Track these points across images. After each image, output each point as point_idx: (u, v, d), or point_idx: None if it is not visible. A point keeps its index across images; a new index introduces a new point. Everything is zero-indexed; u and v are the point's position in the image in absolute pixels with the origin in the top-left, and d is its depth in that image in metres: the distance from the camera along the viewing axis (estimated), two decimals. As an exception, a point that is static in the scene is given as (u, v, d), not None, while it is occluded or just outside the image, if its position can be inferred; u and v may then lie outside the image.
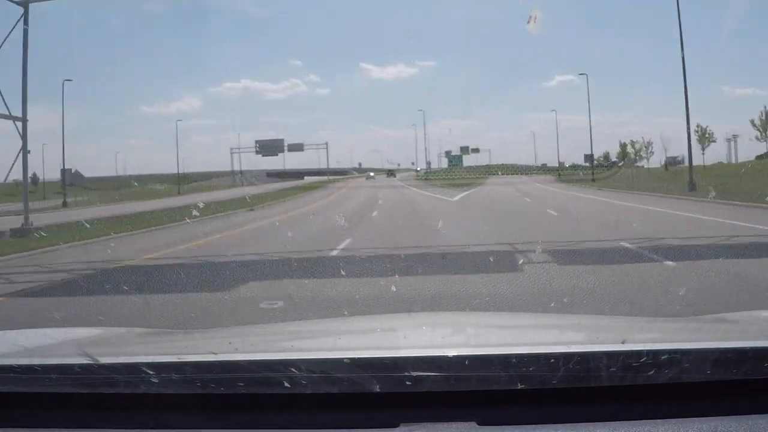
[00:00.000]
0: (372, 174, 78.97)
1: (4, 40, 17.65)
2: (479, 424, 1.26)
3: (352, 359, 1.32)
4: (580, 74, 59.11)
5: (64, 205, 36.02)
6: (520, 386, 1.29)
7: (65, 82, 41.13)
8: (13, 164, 18.21)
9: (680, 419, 1.23)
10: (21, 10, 17.72)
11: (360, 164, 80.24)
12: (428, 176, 60.74)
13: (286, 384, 1.30)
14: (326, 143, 68.08)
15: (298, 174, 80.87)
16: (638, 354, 1.29)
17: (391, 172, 76.24)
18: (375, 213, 21.21)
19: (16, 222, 18.34)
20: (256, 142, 72.36)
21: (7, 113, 17.48)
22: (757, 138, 52.45)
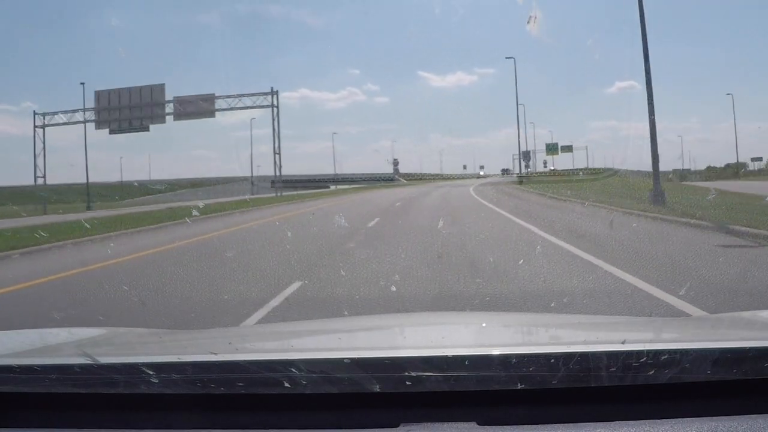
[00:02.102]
0: (482, 173, 76.78)
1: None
2: (479, 424, 1.26)
3: (352, 359, 1.32)
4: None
5: None
6: (520, 386, 1.29)
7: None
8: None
9: (680, 419, 1.23)
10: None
11: (397, 168, 76.22)
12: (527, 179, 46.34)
13: (286, 384, 1.30)
14: (275, 92, 40.03)
15: (317, 181, 63.90)
16: (638, 354, 1.29)
17: (506, 171, 73.27)
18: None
19: None
20: (96, 94, 34.64)
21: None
22: None
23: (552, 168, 60.72)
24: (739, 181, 38.95)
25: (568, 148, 58.90)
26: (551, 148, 57.02)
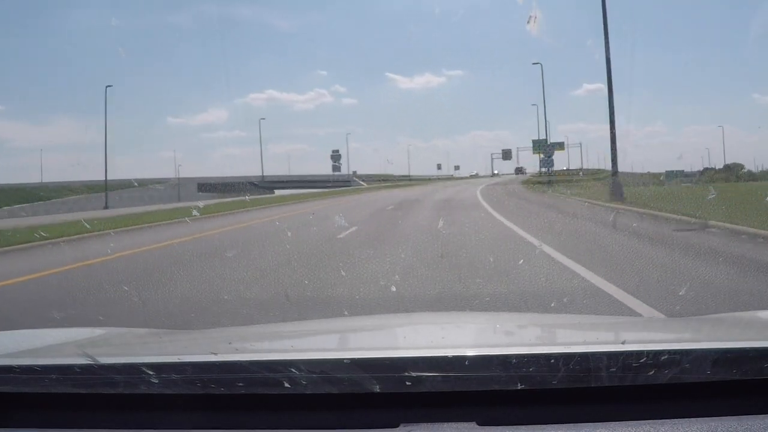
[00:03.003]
0: (496, 171, 73.71)
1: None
2: (479, 424, 1.26)
3: (352, 359, 1.32)
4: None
5: None
6: (520, 386, 1.28)
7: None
8: None
9: (680, 419, 1.23)
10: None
11: (355, 171, 75.27)
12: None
13: (286, 384, 1.30)
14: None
15: (258, 185, 54.77)
16: (638, 354, 1.29)
17: (519, 170, 70.08)
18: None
19: None
20: None
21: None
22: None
23: (566, 168, 58.08)
24: None
25: (560, 146, 48.73)
26: (539, 146, 46.43)
